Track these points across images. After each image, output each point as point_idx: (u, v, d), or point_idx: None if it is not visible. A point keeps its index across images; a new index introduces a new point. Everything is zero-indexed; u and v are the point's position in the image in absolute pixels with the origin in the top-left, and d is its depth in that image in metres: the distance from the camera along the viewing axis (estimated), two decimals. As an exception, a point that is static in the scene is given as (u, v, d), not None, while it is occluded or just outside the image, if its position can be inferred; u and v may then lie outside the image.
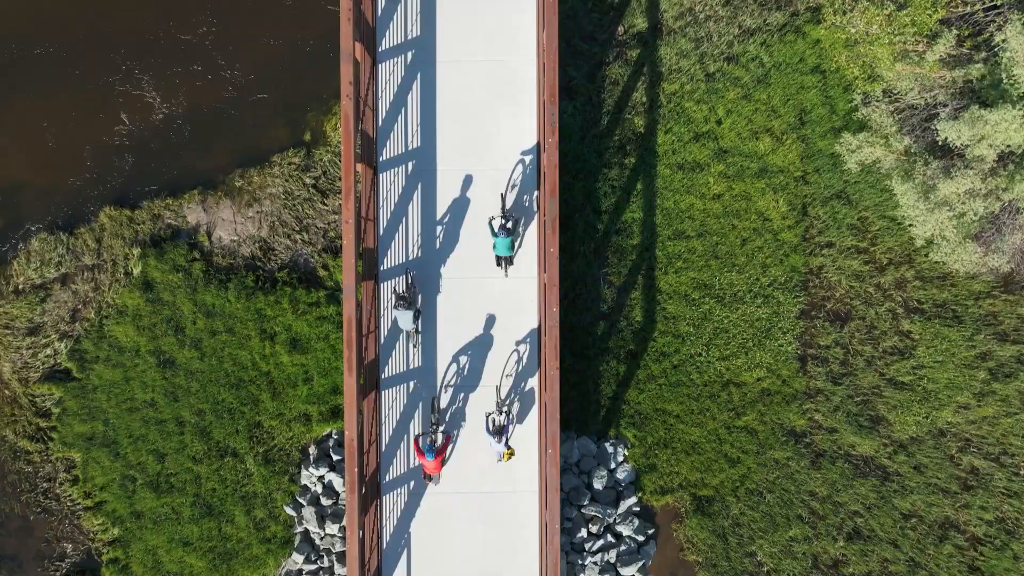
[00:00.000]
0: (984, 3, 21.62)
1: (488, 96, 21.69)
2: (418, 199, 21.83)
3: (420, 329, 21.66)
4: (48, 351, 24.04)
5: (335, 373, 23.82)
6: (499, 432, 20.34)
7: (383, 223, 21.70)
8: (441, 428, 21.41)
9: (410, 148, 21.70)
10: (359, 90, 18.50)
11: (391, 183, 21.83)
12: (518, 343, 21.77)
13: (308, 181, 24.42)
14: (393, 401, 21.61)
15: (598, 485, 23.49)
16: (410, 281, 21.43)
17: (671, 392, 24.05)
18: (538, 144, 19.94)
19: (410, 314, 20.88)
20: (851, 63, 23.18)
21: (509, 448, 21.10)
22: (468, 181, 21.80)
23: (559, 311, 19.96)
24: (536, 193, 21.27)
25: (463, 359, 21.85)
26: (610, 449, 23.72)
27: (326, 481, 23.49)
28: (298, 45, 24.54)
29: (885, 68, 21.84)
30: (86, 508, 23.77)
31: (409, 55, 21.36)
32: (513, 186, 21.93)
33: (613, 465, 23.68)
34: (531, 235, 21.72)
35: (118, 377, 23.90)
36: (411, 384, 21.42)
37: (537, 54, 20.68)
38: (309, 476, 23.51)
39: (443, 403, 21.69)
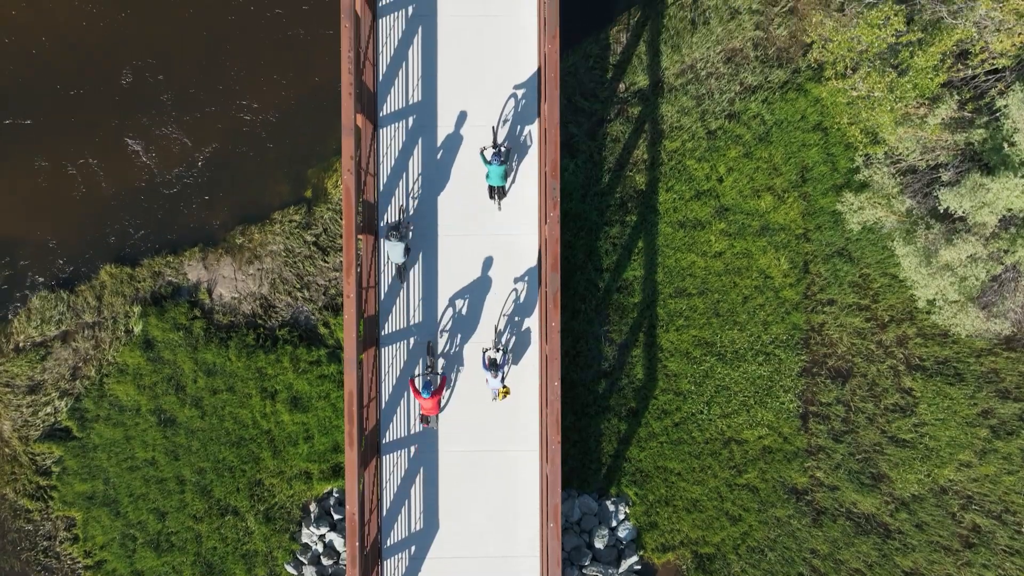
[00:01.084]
0: (985, 67, 21.59)
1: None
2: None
3: (409, 267, 21.59)
4: (48, 409, 24.01)
5: (336, 432, 23.79)
6: (494, 366, 20.36)
7: (383, 290, 21.70)
8: (439, 370, 21.39)
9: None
10: (360, 162, 18.48)
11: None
12: (516, 280, 21.72)
13: (309, 238, 24.39)
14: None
15: (599, 544, 23.46)
16: (405, 219, 21.34)
17: (672, 450, 24.02)
18: (539, 216, 19.91)
19: (401, 247, 20.83)
20: (853, 126, 23.15)
21: (505, 387, 21.17)
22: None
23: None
24: (529, 128, 21.33)
25: (460, 303, 21.80)
26: (611, 507, 23.68)
27: (327, 540, 23.45)
28: (298, 99, 24.50)
29: (887, 132, 21.82)
30: (87, 567, 23.73)
31: (411, 119, 21.37)
32: (505, 121, 21.89)
33: (614, 523, 23.65)
34: (524, 170, 21.63)
35: (119, 436, 23.86)
36: (410, 341, 21.48)
37: (539, 125, 20.66)
38: (310, 535, 23.48)
39: (440, 347, 21.67)
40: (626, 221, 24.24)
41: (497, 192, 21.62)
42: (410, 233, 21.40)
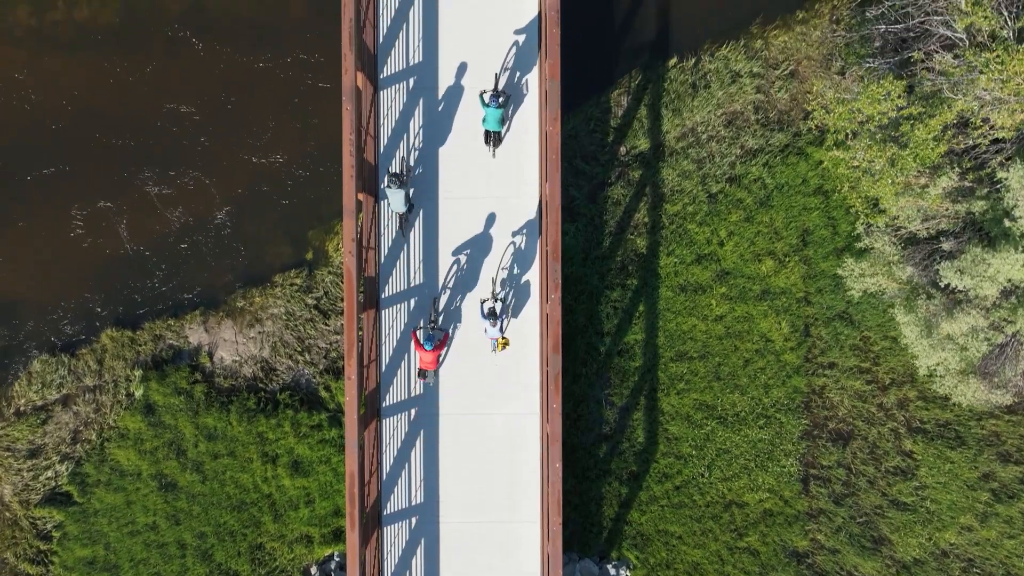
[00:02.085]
0: (986, 139, 21.59)
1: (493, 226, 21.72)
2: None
3: (410, 219, 21.61)
4: (49, 473, 24.00)
5: (337, 496, 23.79)
6: (493, 315, 20.48)
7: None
8: (440, 325, 21.51)
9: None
10: (362, 241, 18.48)
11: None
12: (514, 234, 21.78)
13: (310, 301, 24.40)
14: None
15: (601, 609, 23.47)
16: (407, 168, 21.44)
17: (673, 513, 24.02)
18: (541, 296, 19.92)
19: (402, 194, 20.77)
20: (854, 195, 23.16)
21: (504, 338, 21.30)
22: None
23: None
24: (528, 78, 21.47)
25: (460, 259, 21.85)
26: (612, 571, 23.69)
27: (328, 605, 23.46)
28: (299, 160, 24.51)
29: (888, 203, 21.83)
30: (87, 633, 23.75)
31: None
32: (506, 69, 21.91)
33: (615, 587, 23.67)
34: (520, 117, 21.79)
35: (119, 501, 23.86)
36: (411, 302, 21.55)
37: (540, 206, 20.66)
38: (311, 600, 23.49)
39: (442, 303, 21.76)
40: (627, 284, 24.24)
41: (493, 138, 21.61)
42: (411, 184, 21.24)
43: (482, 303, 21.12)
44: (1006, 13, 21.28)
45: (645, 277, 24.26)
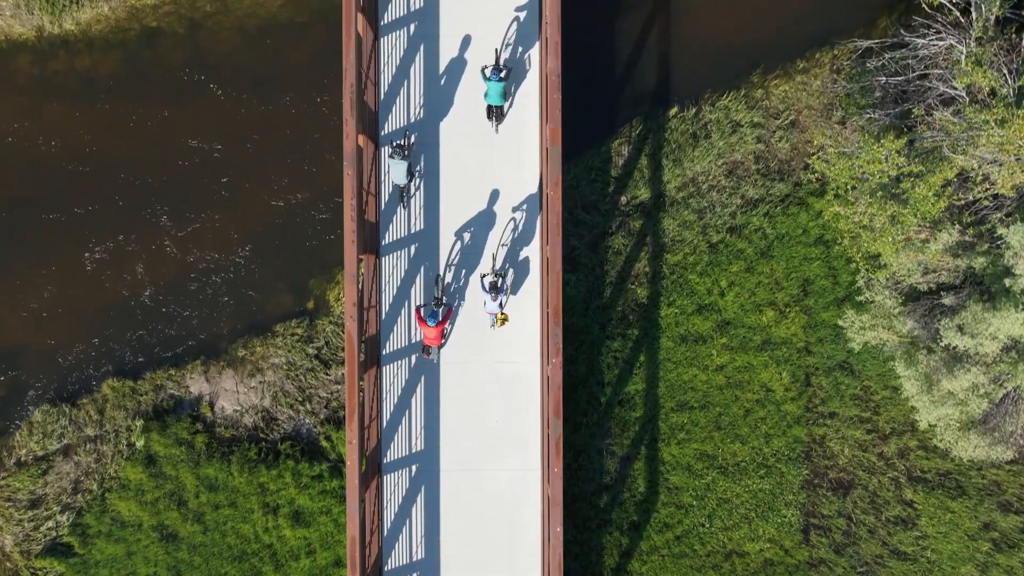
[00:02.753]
0: (987, 192, 21.62)
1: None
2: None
3: (412, 192, 21.70)
4: (50, 524, 24.01)
5: (338, 546, 23.79)
6: (494, 289, 20.62)
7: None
8: (444, 301, 21.63)
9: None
10: (363, 303, 18.49)
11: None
12: (514, 210, 21.90)
13: (311, 351, 24.41)
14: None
15: (601, 660, 23.47)
16: (411, 141, 21.54)
17: (674, 563, 24.03)
18: (541, 366, 19.94)
19: (404, 165, 20.81)
20: (854, 249, 23.19)
21: (503, 313, 21.35)
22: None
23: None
24: (530, 52, 21.65)
25: (465, 235, 21.98)
26: (613, 621, 23.70)
27: (329, 657, 23.46)
28: (300, 208, 24.52)
29: (889, 258, 21.86)
30: None
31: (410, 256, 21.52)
32: (507, 45, 22.02)
33: (616, 637, 23.67)
34: (522, 93, 21.97)
35: (120, 552, 23.87)
36: (413, 281, 21.69)
37: (541, 269, 20.69)
38: (312, 652, 23.49)
39: (446, 280, 21.95)
40: (628, 334, 24.26)
41: (495, 113, 21.67)
42: (413, 156, 21.28)
43: (482, 277, 21.21)
44: (1006, 71, 21.32)
45: (646, 327, 24.28)
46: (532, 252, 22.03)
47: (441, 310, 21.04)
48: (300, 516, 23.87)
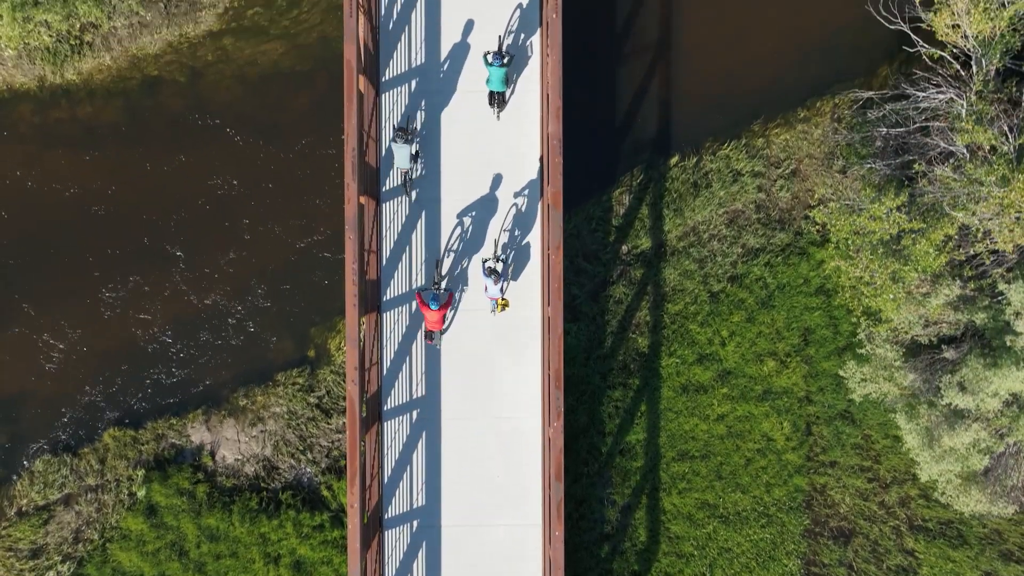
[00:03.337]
0: (987, 248, 21.64)
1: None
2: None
3: (414, 177, 21.74)
4: (51, 574, 24.00)
5: (339, 596, 23.82)
6: (494, 274, 20.67)
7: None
8: (444, 285, 21.75)
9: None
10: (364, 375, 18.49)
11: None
12: (515, 196, 21.98)
13: (312, 400, 24.42)
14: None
15: None
16: (414, 125, 21.62)
17: (675, 612, 24.04)
18: (543, 426, 19.96)
19: (407, 149, 20.78)
20: (855, 302, 23.22)
21: (504, 299, 21.41)
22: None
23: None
24: (532, 39, 21.80)
25: (467, 222, 22.10)
26: (614, 671, 23.70)
27: None
28: (301, 255, 24.55)
29: (890, 315, 21.89)
30: None
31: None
32: (510, 32, 22.13)
33: None
34: (524, 79, 22.16)
35: (121, 603, 23.88)
36: (414, 269, 21.75)
37: (541, 330, 20.70)
38: None
39: (446, 265, 22.02)
40: (629, 384, 24.27)
41: (497, 99, 21.73)
42: (417, 139, 21.40)
43: (483, 262, 21.25)
44: (1007, 128, 21.35)
45: (647, 377, 24.29)
46: (533, 238, 22.11)
47: (443, 295, 21.04)
48: (302, 566, 23.87)
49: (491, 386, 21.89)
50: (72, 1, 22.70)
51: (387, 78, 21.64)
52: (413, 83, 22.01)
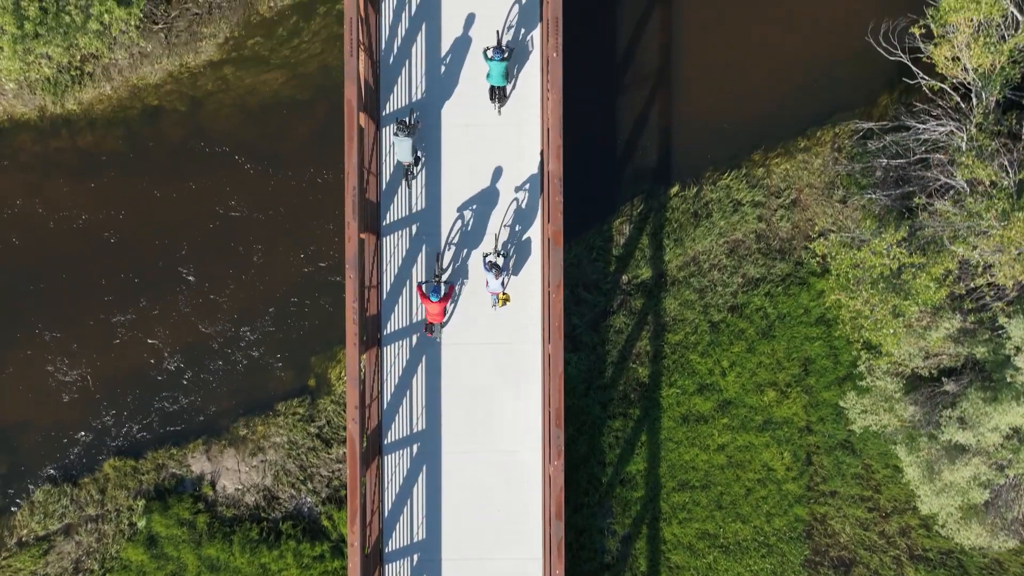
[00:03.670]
0: (988, 281, 21.64)
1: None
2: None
3: (416, 172, 21.84)
4: (51, 604, 24.02)
5: (339, 627, 23.82)
6: (496, 268, 20.72)
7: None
8: (445, 278, 21.81)
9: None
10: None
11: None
12: (517, 190, 22.03)
13: (312, 430, 24.42)
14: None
15: None
16: (414, 119, 21.69)
17: (676, 642, 24.03)
18: (544, 465, 19.97)
19: (408, 143, 20.79)
20: (855, 335, 23.23)
21: (505, 294, 21.42)
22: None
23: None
24: (532, 33, 21.87)
25: (467, 213, 22.19)
26: None
27: None
28: (301, 284, 24.55)
29: (891, 349, 21.90)
30: None
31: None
32: (509, 27, 22.19)
33: None
34: (524, 74, 22.24)
35: (122, 633, 23.88)
36: (415, 262, 21.79)
37: (542, 365, 20.70)
38: None
39: (447, 258, 22.10)
40: (629, 414, 24.28)
41: (497, 94, 21.78)
42: (418, 135, 21.44)
43: (484, 257, 21.29)
44: (1007, 163, 21.37)
45: (647, 407, 24.30)
46: (534, 233, 22.17)
47: (443, 287, 21.07)
48: (302, 597, 23.89)
49: (491, 420, 21.90)
50: (73, 34, 22.66)
51: (387, 112, 21.66)
52: (414, 80, 22.05)
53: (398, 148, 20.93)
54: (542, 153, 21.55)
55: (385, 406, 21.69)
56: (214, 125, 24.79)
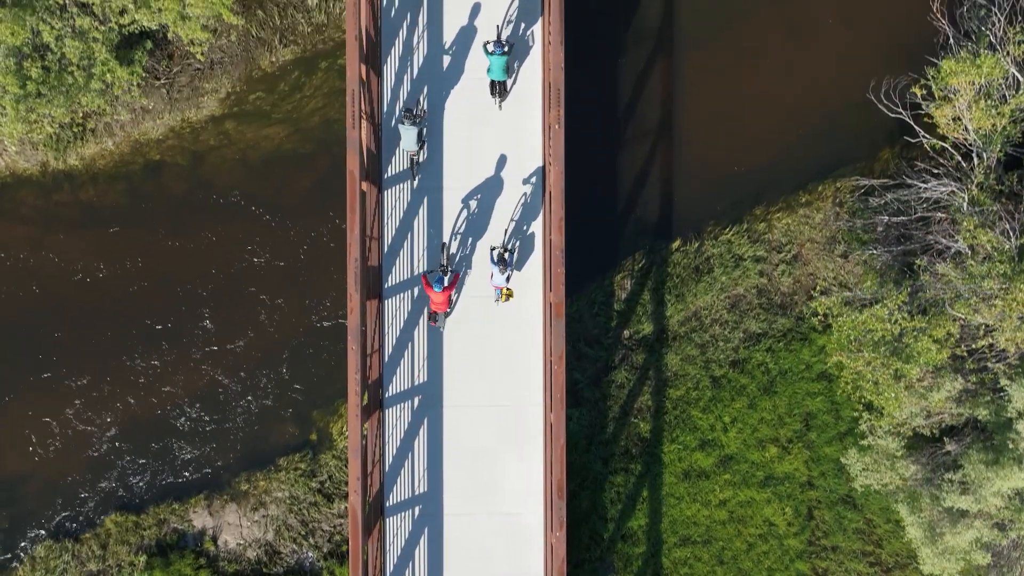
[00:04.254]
0: (990, 343, 21.66)
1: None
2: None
3: (422, 160, 21.87)
4: (53, 660, 24.03)
5: None
6: (502, 262, 20.77)
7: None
8: (450, 268, 21.87)
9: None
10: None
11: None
12: (523, 183, 22.08)
13: (314, 485, 24.43)
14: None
15: None
16: (422, 107, 21.81)
17: None
18: (546, 533, 19.96)
19: (414, 131, 20.83)
20: (856, 395, 23.25)
21: (508, 288, 21.47)
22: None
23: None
24: (532, 28, 21.97)
25: (473, 208, 22.25)
26: None
27: None
28: (303, 339, 24.56)
29: (892, 412, 21.92)
30: None
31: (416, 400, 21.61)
32: (509, 22, 22.23)
33: None
34: (525, 68, 22.28)
35: None
36: (417, 256, 21.92)
37: (544, 432, 20.71)
38: None
39: (452, 248, 22.14)
40: (630, 469, 24.29)
41: (498, 88, 21.81)
42: (424, 121, 21.56)
43: (491, 250, 21.32)
44: (1008, 228, 21.38)
45: (649, 463, 24.31)
46: (536, 227, 22.19)
47: (448, 276, 21.10)
48: (303, 652, 23.89)
49: (494, 482, 21.89)
50: (75, 94, 22.68)
51: (390, 174, 21.69)
52: (416, 71, 22.12)
53: (404, 136, 21.02)
54: (544, 155, 21.68)
55: (387, 468, 21.69)
56: (216, 179, 24.81)
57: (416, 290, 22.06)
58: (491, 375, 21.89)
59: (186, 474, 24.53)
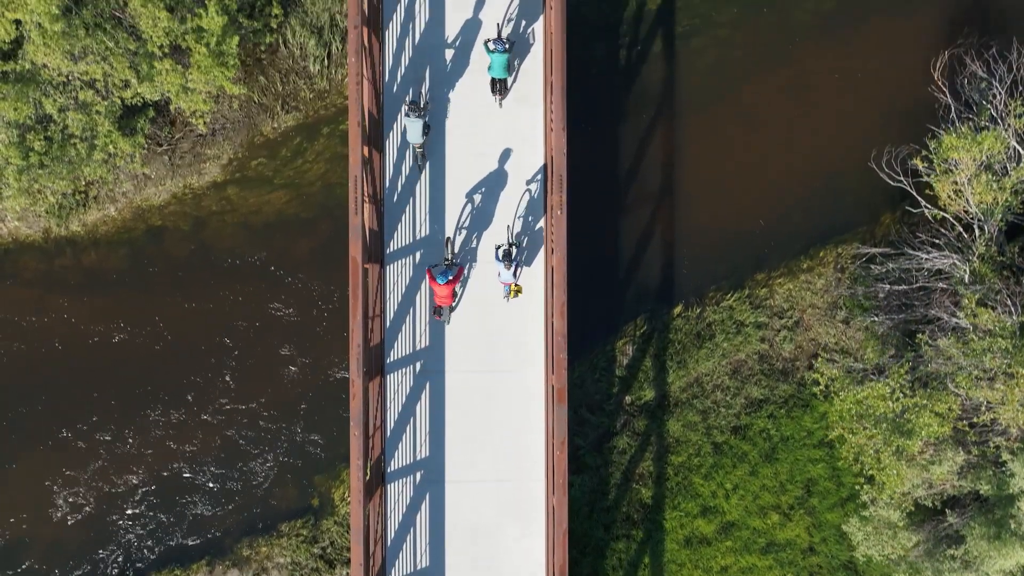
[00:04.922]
0: (991, 418, 21.69)
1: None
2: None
3: (427, 155, 21.95)
4: None
5: None
6: (508, 258, 20.76)
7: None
8: (455, 262, 21.92)
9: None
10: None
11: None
12: (528, 182, 22.14)
13: (316, 551, 24.44)
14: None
15: None
16: (427, 99, 21.89)
17: None
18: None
19: (420, 124, 20.96)
20: (857, 467, 23.28)
21: (517, 285, 21.45)
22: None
23: None
24: (533, 27, 21.98)
25: (473, 202, 22.32)
26: None
27: None
28: (306, 402, 24.58)
29: (894, 487, 21.95)
30: None
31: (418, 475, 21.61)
32: (509, 20, 22.32)
33: None
34: (526, 67, 22.34)
35: None
36: (418, 255, 22.04)
37: (546, 526, 20.72)
38: None
39: (456, 244, 22.20)
40: (632, 536, 24.31)
41: (499, 87, 21.90)
42: (429, 113, 21.65)
43: (497, 247, 21.32)
44: (1010, 304, 21.41)
45: (650, 529, 24.33)
46: (542, 225, 22.27)
47: (452, 270, 21.16)
48: None
49: (497, 559, 21.89)
50: (78, 166, 22.71)
51: (392, 250, 21.72)
52: (418, 68, 22.23)
53: (410, 129, 21.14)
54: (546, 153, 21.76)
55: (389, 543, 21.70)
56: (217, 243, 24.82)
57: (419, 365, 22.07)
58: (493, 449, 21.89)
59: (188, 540, 24.53)
